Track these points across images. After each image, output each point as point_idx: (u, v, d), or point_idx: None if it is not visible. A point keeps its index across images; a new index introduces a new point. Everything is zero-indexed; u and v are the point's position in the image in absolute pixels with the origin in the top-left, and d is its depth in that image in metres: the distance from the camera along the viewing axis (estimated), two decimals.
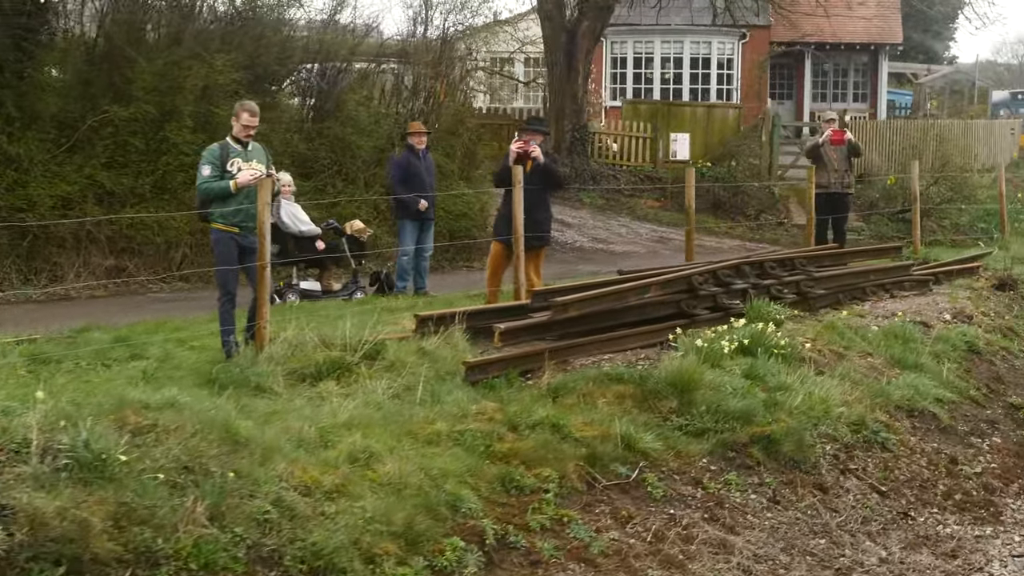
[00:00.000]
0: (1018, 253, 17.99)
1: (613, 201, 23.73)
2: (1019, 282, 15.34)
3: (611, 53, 37.98)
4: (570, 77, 24.04)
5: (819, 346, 10.60)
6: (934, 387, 10.67)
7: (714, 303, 11.04)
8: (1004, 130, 32.04)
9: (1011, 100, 57.40)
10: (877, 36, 39.96)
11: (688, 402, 8.75)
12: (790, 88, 41.76)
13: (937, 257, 16.58)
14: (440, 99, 25.55)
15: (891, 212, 24.17)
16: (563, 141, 24.01)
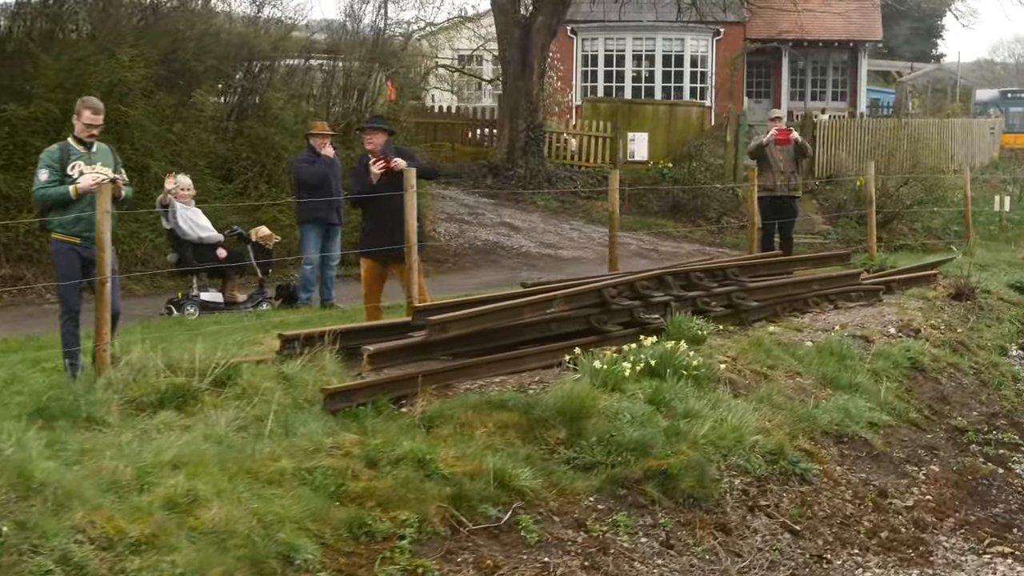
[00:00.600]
0: (983, 259, 17.19)
1: (568, 204, 22.90)
2: (978, 291, 14.53)
3: (582, 50, 37.18)
4: (524, 74, 23.19)
5: (741, 366, 9.76)
6: (869, 409, 9.85)
7: (630, 318, 10.20)
8: (983, 129, 31.26)
9: (1001, 99, 56.64)
10: (856, 33, 39.16)
11: (578, 432, 7.90)
12: (767, 87, 40.98)
13: (894, 264, 15.77)
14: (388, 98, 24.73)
15: (859, 214, 23.34)
16: (517, 141, 23.19)
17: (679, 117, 24.97)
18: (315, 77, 17.23)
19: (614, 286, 10.09)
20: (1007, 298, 14.76)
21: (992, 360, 12.13)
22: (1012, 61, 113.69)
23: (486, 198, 22.11)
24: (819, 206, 24.43)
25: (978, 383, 11.40)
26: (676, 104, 26.87)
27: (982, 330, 13.18)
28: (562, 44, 37.32)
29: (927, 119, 30.18)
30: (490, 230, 19.94)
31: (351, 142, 17.17)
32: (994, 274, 16.01)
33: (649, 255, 19.90)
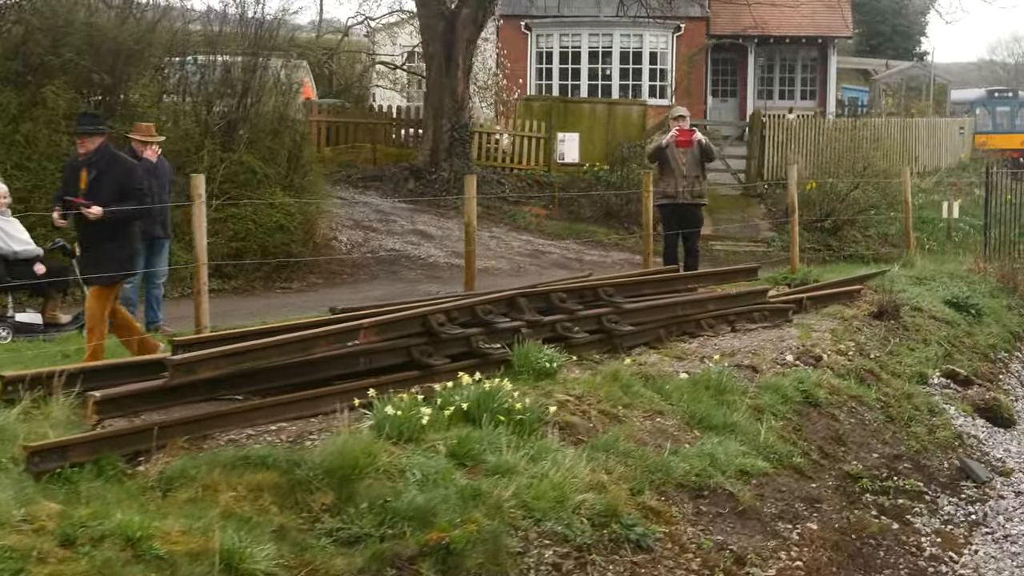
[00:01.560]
0: (923, 271, 15.87)
1: (494, 209, 21.55)
2: (907, 308, 13.21)
3: (536, 47, 35.89)
4: (449, 70, 21.85)
5: (587, 406, 8.41)
6: (742, 455, 8.53)
7: (468, 348, 8.86)
8: (951, 129, 29.95)
9: (987, 98, 55.32)
10: (824, 29, 37.84)
11: (348, 497, 6.57)
12: (734, 85, 39.66)
13: (818, 277, 14.43)
14: (305, 96, 23.37)
15: (808, 220, 22.03)
16: (441, 142, 21.84)
17: (618, 116, 23.65)
18: (191, 72, 15.86)
19: (446, 311, 8.74)
20: (940, 316, 13.44)
21: (906, 390, 10.80)
22: (1012, 61, 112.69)
23: (405, 203, 20.76)
24: (766, 211, 23.11)
25: (884, 419, 10.07)
26: (615, 103, 25.55)
27: (902, 354, 11.85)
28: (516, 40, 36.07)
29: (888, 118, 28.83)
30: (398, 238, 18.60)
31: (233, 145, 15.85)
32: (931, 288, 14.69)
33: (570, 265, 18.57)
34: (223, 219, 15.16)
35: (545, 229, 20.84)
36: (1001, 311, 14.77)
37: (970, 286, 15.43)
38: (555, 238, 20.42)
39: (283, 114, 16.22)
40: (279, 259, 15.31)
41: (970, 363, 12.51)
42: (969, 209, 24.05)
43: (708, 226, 21.97)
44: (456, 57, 21.84)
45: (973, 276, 16.06)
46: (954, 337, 13.00)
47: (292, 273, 15.82)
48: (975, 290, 15.33)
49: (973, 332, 13.51)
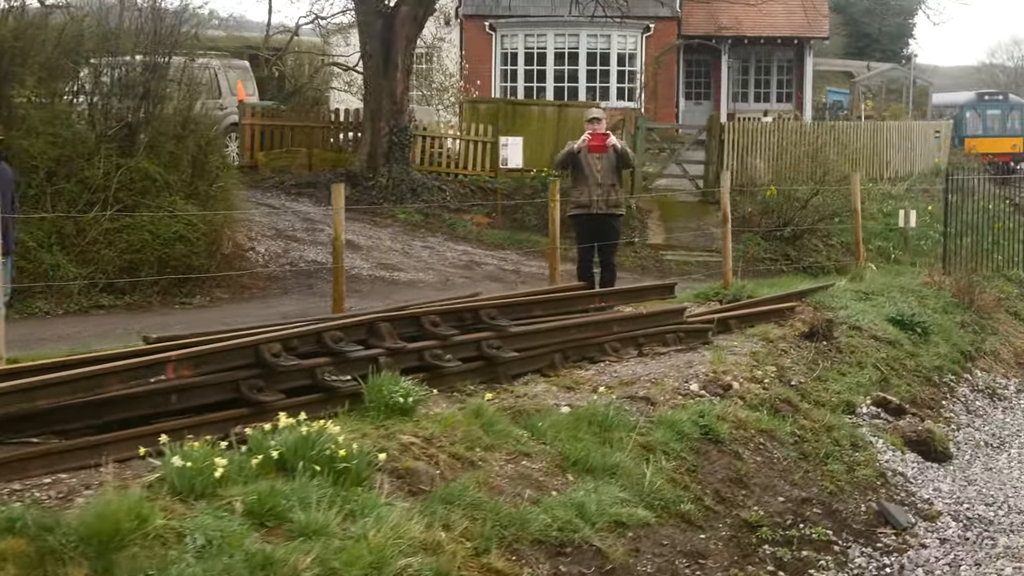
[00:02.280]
0: (872, 285, 14.89)
1: (433, 217, 20.58)
2: (845, 327, 12.24)
3: (501, 47, 35.00)
4: (387, 71, 20.87)
5: (436, 449, 7.42)
6: (619, 503, 7.54)
7: (312, 380, 7.87)
8: (926, 132, 28.98)
9: (977, 102, 54.41)
10: (800, 29, 36.92)
11: (106, 569, 5.57)
12: (708, 87, 38.74)
13: (753, 293, 13.44)
14: (240, 97, 22.39)
15: (766, 229, 21.09)
16: (379, 146, 20.86)
17: (569, 119, 22.65)
18: (85, 72, 14.86)
19: (284, 340, 7.75)
20: (881, 335, 12.46)
21: (828, 422, 9.81)
22: (1011, 64, 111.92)
23: None
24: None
25: (797, 456, 9.08)
26: (566, 105, 24.55)
27: (831, 380, 10.86)
28: (480, 41, 35.17)
29: (856, 122, 27.85)
30: (322, 249, 17.59)
31: (132, 149, 14.87)
32: (877, 305, 13.71)
33: (505, 278, 17.59)
34: (117, 230, 14.19)
35: (485, 238, 19.87)
36: (952, 329, 13.80)
37: (921, 301, 14.47)
38: (495, 248, 19.45)
39: (187, 117, 15.21)
40: (178, 274, 14.29)
41: (909, 388, 11.55)
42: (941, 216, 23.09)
43: (660, 234, 21.07)
44: (395, 57, 20.87)
45: (927, 290, 15.10)
46: (894, 359, 12.02)
47: (195, 288, 14.82)
48: (926, 306, 14.37)
49: (917, 353, 12.54)
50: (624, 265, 19.67)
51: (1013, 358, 14.33)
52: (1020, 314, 16.28)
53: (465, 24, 35.17)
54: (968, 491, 9.70)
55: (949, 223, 17.71)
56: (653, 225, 21.41)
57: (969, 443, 11.10)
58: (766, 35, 36.91)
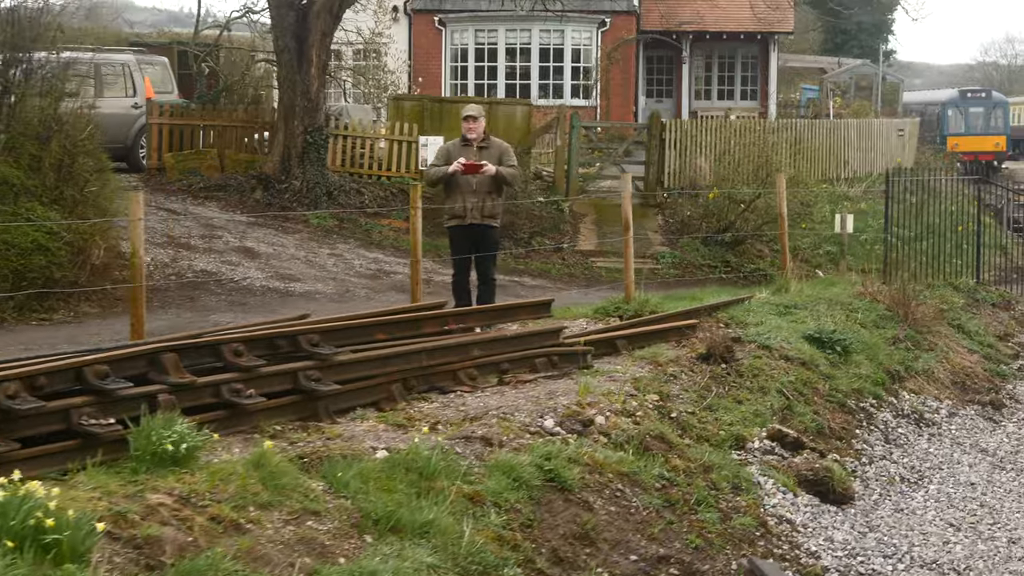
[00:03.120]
0: (797, 297, 13.75)
1: (349, 222, 19.40)
2: (750, 346, 11.09)
3: (451, 43, 33.87)
4: (301, 67, 19.68)
5: (195, 509, 6.23)
6: (425, 570, 6.37)
7: (67, 425, 6.69)
8: (888, 130, 27.84)
9: (960, 99, 53.38)
10: (765, 24, 35.70)
11: None
12: (670, 85, 37.60)
13: (657, 307, 12.26)
14: (148, 95, 21.19)
15: (707, 234, 19.95)
16: (293, 147, 19.68)
17: (500, 117, 21.49)
18: None
19: (27, 377, 6.57)
20: (794, 355, 11.31)
21: (708, 461, 8.64)
22: (1005, 62, 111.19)
23: (248, 216, 18.60)
24: (663, 223, 20.99)
25: (662, 504, 7.91)
26: (497, 102, 23.35)
27: (723, 409, 9.70)
28: (429, 37, 34.03)
29: (812, 120, 26.71)
30: (216, 257, 16.42)
31: None
32: (798, 320, 12.57)
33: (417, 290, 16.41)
34: None
35: (401, 245, 18.67)
36: (880, 346, 12.65)
37: (850, 315, 13.34)
38: (407, 255, 18.23)
39: (52, 116, 14.01)
40: (36, 287, 13.09)
41: (816, 417, 10.39)
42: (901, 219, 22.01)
43: (592, 240, 19.92)
44: (309, 52, 19.69)
45: (859, 302, 13.96)
46: (804, 383, 10.87)
47: (59, 302, 13.62)
48: (855, 320, 13.23)
49: (833, 375, 11.39)
50: (550, 273, 18.56)
51: (949, 377, 13.20)
52: (964, 327, 15.15)
53: (414, 19, 34.05)
54: (867, 540, 8.55)
55: (891, 228, 16.56)
56: (585, 230, 20.25)
57: (881, 479, 9.96)
58: (729, 30, 35.78)
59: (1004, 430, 12.16)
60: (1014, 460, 11.09)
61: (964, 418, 12.28)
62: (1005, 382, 14.03)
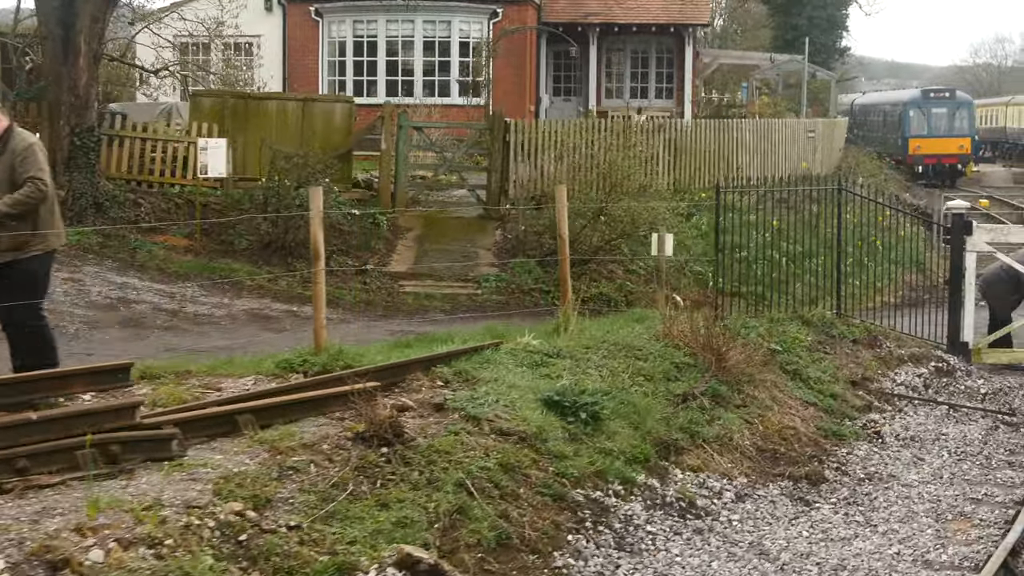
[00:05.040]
0: (574, 342, 11.12)
1: (118, 239, 16.73)
2: (452, 416, 8.47)
3: (328, 36, 31.26)
4: (67, 58, 17.05)
5: None
6: None
7: None
8: (795, 132, 25.26)
9: (922, 99, 50.96)
10: (679, 15, 33.37)
11: None
12: (579, 82, 35.04)
13: (357, 359, 9.60)
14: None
15: (540, 255, 17.34)
16: (59, 150, 16.99)
17: (316, 116, 18.86)
18: None
19: None
20: (512, 428, 8.66)
21: None
22: (995, 63, 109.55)
23: None
24: (501, 240, 18.36)
25: None
26: (313, 99, 20.62)
27: (353, 519, 7.06)
28: (305, 29, 31.51)
29: (696, 120, 24.11)
30: None
31: None
32: (551, 375, 9.95)
33: (153, 320, 13.80)
34: None
35: (171, 267, 16.04)
36: (656, 408, 10.02)
37: (633, 366, 10.72)
38: (175, 280, 15.62)
39: None
40: None
41: (504, 523, 7.73)
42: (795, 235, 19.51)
43: (407, 260, 17.28)
44: (76, 40, 17.06)
45: (655, 347, 11.34)
46: (509, 469, 8.22)
47: None
48: (638, 371, 10.62)
49: (566, 454, 8.75)
50: (343, 300, 15.90)
51: (755, 444, 10.58)
52: (803, 373, 12.54)
53: (288, 9, 31.54)
54: None
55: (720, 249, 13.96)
56: (404, 248, 17.61)
57: None
58: (639, 22, 33.33)
59: (810, 518, 9.53)
60: (801, 567, 8.46)
61: (760, 501, 9.66)
62: (840, 445, 11.42)
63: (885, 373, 13.84)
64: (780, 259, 19.83)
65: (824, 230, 18.17)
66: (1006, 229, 15.17)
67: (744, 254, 19.84)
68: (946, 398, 13.64)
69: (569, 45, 31.74)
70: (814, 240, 18.32)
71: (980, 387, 14.25)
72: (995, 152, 65.76)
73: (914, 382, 13.86)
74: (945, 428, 12.55)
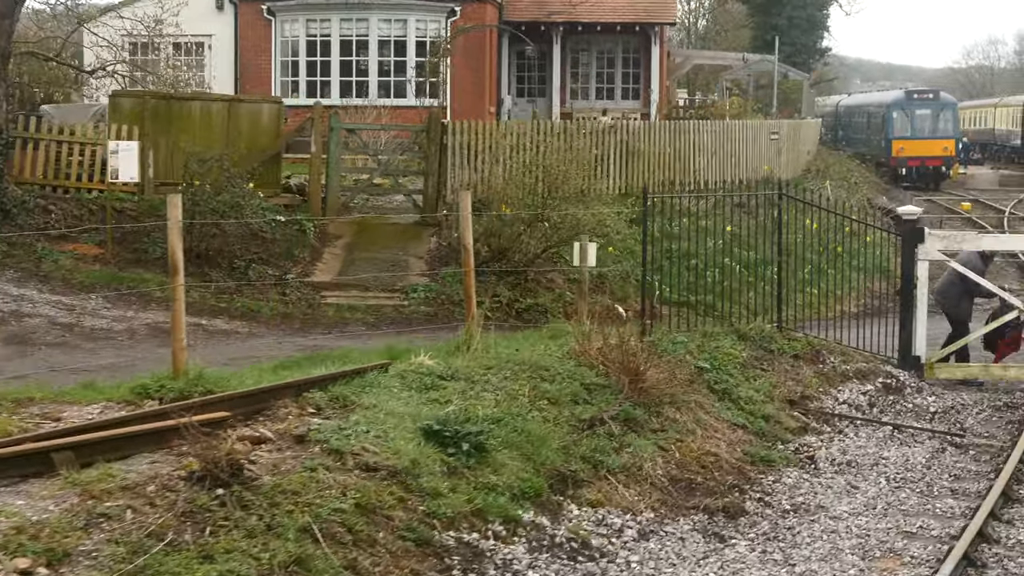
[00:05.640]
0: (476, 362, 10.29)
1: (24, 248, 15.85)
2: (313, 448, 7.64)
3: (281, 36, 30.35)
4: None
5: None
6: None
7: None
8: (757, 134, 24.44)
9: (906, 100, 50.21)
10: (644, 14, 32.51)
11: None
12: (544, 82, 34.21)
13: (220, 385, 8.76)
14: None
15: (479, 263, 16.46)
16: None
17: (242, 117, 17.97)
18: None
19: None
20: (381, 463, 7.84)
21: None
22: (988, 63, 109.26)
23: None
24: (436, 248, 17.50)
25: None
26: (239, 100, 19.70)
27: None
28: (258, 28, 30.54)
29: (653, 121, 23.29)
30: None
31: None
32: (439, 399, 9.13)
33: (46, 336, 12.97)
34: None
35: (75, 277, 15.19)
36: (551, 436, 9.18)
37: (537, 388, 9.88)
38: (79, 291, 14.75)
39: None
40: None
41: (374, 569, 6.93)
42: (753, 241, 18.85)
43: (333, 269, 16.42)
44: None
45: (566, 366, 10.52)
46: (369, 510, 7.39)
47: None
48: (542, 394, 9.78)
49: (438, 492, 7.91)
50: (259, 314, 15.08)
51: (668, 473, 9.75)
52: (733, 393, 11.72)
53: (240, 8, 30.58)
54: None
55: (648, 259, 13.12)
56: (330, 256, 16.75)
57: None
58: (604, 21, 32.46)
59: (721, 557, 8.70)
60: None
61: (666, 539, 8.82)
62: (767, 472, 10.60)
63: (827, 391, 13.02)
64: (734, 266, 19.11)
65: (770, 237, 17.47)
66: (960, 236, 14.35)
67: (694, 262, 19.14)
68: (891, 418, 12.83)
69: (525, 44, 30.88)
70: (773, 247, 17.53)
71: (930, 405, 13.44)
72: (984, 154, 65.17)
73: (858, 400, 13.04)
74: (887, 451, 11.74)
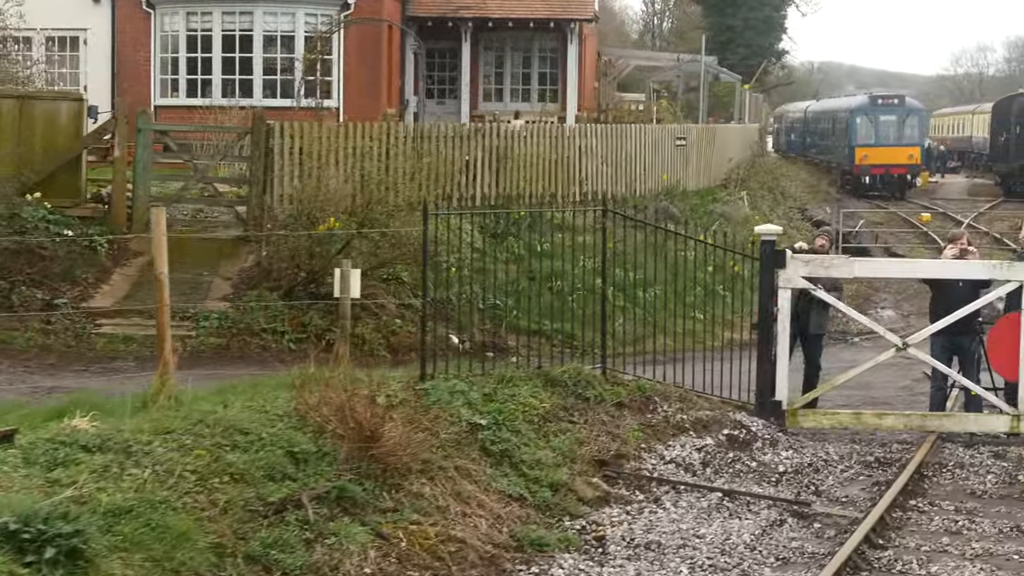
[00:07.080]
0: (145, 429, 8.23)
1: None
2: None
3: (160, 30, 28.28)
4: None
5: None
6: None
7: None
8: (660, 139, 22.45)
9: (870, 106, 48.50)
10: (560, 9, 30.57)
11: None
12: (454, 83, 32.22)
13: None
14: None
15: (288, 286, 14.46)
16: None
17: (36, 117, 15.85)
18: None
19: None
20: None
21: None
22: (976, 71, 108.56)
23: None
24: (251, 266, 15.44)
25: None
26: (32, 96, 17.41)
27: None
28: (136, 22, 28.51)
29: (525, 125, 21.28)
30: None
31: None
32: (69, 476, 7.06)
33: None
34: None
35: None
36: (194, 534, 7.09)
37: (220, 458, 7.82)
38: None
39: None
40: None
41: None
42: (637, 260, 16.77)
43: (120, 292, 14.34)
44: None
45: (274, 425, 8.46)
46: None
47: None
48: (223, 465, 7.74)
49: None
50: (12, 345, 12.97)
51: (381, 573, 7.69)
52: (513, 455, 9.67)
53: (117, 3, 28.51)
54: None
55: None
56: (121, 278, 14.69)
57: None
58: (516, 16, 30.51)
59: None
60: None
61: None
62: (533, 561, 8.54)
63: (651, 448, 10.98)
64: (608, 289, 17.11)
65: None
66: (827, 260, 12.35)
67: (559, 284, 17.17)
68: (726, 480, 10.80)
69: (414, 40, 28.93)
70: (661, 266, 15.60)
71: (782, 463, 11.43)
72: (963, 162, 63.68)
73: (690, 459, 11.00)
74: (706, 526, 9.69)
